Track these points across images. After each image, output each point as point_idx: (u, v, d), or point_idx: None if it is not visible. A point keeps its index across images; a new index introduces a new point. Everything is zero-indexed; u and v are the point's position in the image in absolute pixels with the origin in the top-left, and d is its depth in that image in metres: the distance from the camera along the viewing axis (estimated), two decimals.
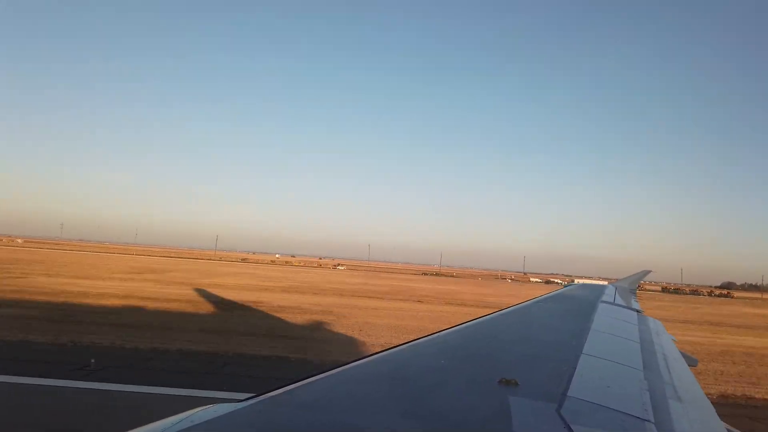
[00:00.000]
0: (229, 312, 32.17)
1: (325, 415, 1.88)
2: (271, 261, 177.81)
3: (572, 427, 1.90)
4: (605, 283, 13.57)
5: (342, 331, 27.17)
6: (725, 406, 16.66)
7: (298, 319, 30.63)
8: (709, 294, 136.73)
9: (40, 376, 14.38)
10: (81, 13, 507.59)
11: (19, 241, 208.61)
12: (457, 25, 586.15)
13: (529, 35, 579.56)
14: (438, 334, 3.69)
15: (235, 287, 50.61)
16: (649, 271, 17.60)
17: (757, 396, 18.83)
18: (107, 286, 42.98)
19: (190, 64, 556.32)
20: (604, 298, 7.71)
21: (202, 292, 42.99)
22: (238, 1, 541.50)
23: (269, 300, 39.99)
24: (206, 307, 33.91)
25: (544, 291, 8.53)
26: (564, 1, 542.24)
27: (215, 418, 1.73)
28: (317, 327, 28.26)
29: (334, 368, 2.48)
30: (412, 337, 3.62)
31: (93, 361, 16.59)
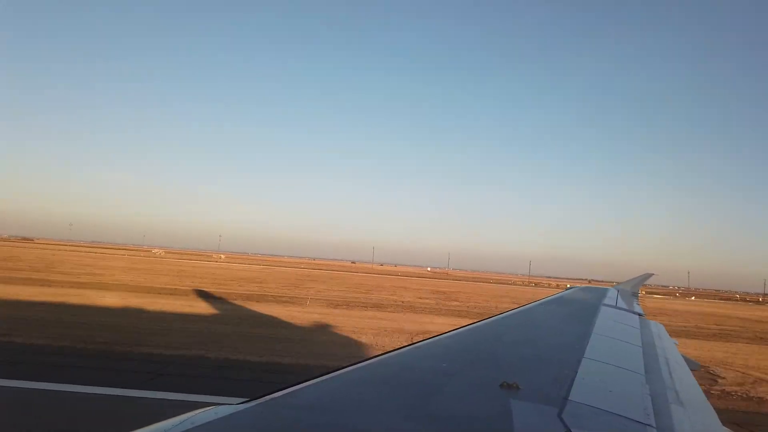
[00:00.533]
0: None
1: (326, 417, 1.87)
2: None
3: (573, 431, 1.90)
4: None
5: None
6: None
7: None
8: None
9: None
10: (81, 13, 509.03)
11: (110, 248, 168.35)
12: (459, 25, 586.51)
13: (531, 35, 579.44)
14: (440, 336, 3.69)
15: None
16: (652, 274, 17.53)
17: None
18: None
19: (194, 63, 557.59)
20: (606, 301, 7.68)
21: None
22: (239, 1, 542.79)
23: None
24: None
25: None
26: (564, 1, 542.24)
27: (215, 420, 1.73)
28: None
29: (335, 370, 2.48)
30: None
31: None
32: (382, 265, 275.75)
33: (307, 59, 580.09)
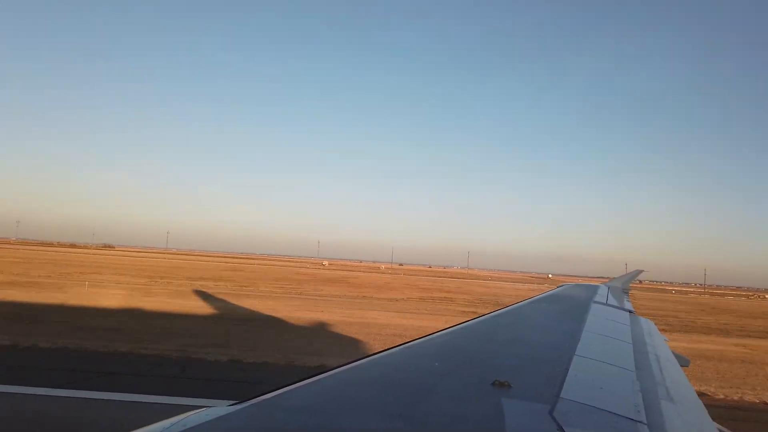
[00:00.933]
0: None
1: (318, 418, 1.87)
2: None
3: (565, 428, 1.90)
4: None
5: None
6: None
7: None
8: None
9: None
10: (81, 14, 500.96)
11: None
12: (458, 25, 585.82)
13: (531, 35, 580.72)
14: (431, 335, 3.69)
15: None
16: (642, 271, 17.73)
17: None
18: None
19: (194, 63, 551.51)
20: (597, 298, 7.72)
21: None
22: (238, 1, 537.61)
23: None
24: None
25: None
26: (564, 1, 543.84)
27: (207, 421, 1.72)
28: None
29: (327, 371, 2.48)
30: None
31: None
32: (430, 267, 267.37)
33: (307, 59, 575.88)
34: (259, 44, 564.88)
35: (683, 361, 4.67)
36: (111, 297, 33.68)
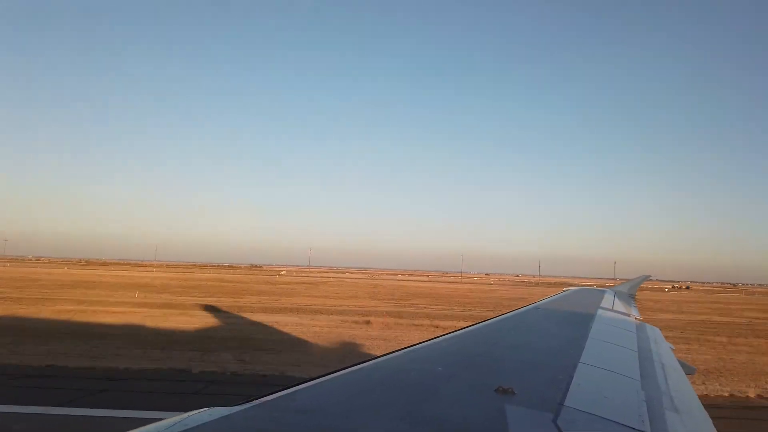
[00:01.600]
0: None
1: (321, 419, 1.87)
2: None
3: None
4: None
5: None
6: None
7: None
8: None
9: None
10: (81, 21, 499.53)
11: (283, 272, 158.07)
12: (458, 26, 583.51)
13: (533, 35, 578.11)
14: (435, 339, 3.69)
15: None
16: (649, 276, 17.64)
17: None
18: None
19: (192, 68, 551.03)
20: (603, 304, 7.67)
21: None
22: (236, 5, 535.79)
23: None
24: None
25: None
26: (564, 1, 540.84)
27: (209, 422, 1.72)
28: None
29: (330, 373, 2.48)
30: None
31: None
32: (518, 276, 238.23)
33: (308, 62, 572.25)
34: (260, 49, 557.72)
35: (689, 370, 4.62)
36: None
